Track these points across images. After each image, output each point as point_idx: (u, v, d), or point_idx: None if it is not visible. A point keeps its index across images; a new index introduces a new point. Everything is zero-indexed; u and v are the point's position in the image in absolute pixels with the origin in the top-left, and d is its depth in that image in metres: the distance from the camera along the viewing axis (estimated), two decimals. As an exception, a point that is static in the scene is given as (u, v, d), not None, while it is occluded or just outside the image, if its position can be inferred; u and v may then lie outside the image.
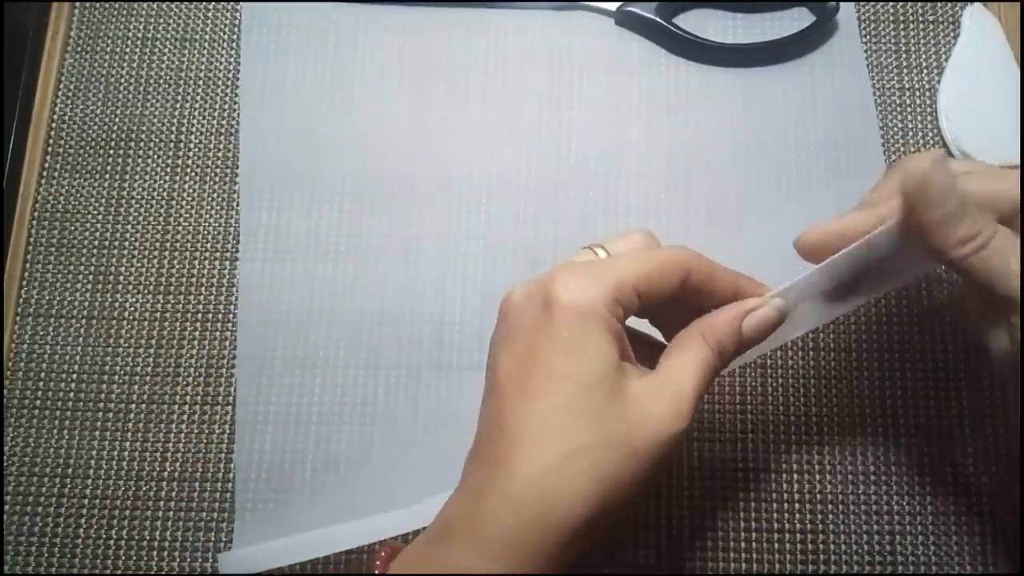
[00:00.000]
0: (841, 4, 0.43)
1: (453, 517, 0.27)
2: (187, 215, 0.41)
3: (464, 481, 0.28)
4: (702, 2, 0.44)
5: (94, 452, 0.38)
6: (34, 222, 0.41)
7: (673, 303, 0.29)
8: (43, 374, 0.39)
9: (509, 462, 0.26)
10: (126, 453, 0.38)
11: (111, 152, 0.42)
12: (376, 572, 0.28)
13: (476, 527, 0.25)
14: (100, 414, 0.39)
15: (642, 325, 0.32)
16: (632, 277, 0.27)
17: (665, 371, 0.27)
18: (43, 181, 0.42)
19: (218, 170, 0.42)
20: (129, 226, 0.41)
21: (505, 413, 0.26)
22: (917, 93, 0.44)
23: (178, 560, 0.37)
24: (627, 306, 0.27)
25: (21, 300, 0.40)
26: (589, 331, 0.26)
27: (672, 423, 0.26)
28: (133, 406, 0.39)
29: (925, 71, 0.44)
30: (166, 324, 0.40)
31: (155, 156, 0.42)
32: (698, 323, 0.29)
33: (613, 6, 0.44)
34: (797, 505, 0.38)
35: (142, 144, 0.43)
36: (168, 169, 0.42)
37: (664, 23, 0.43)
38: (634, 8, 0.43)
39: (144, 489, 0.38)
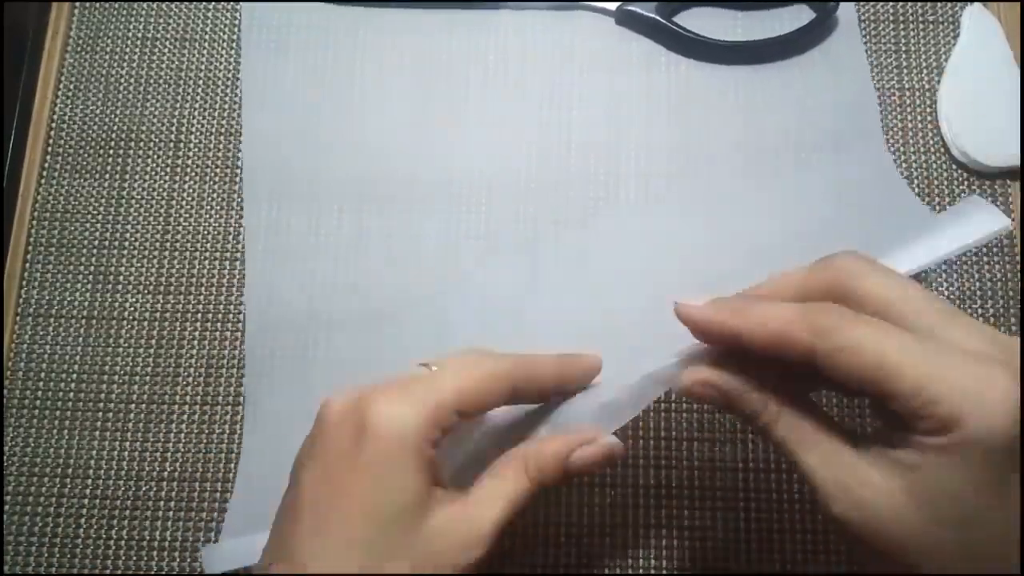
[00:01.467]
0: (841, 2, 0.43)
1: None
2: (187, 215, 0.41)
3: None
4: (702, 1, 0.44)
5: (94, 452, 0.38)
6: (34, 222, 0.41)
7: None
8: (43, 374, 0.39)
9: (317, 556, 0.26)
10: (126, 453, 0.38)
11: (111, 152, 0.42)
12: None
13: None
14: (100, 414, 0.39)
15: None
16: (453, 397, 0.27)
17: (473, 500, 0.28)
18: (43, 181, 0.42)
19: (218, 170, 0.42)
20: (129, 226, 0.41)
21: (297, 541, 0.26)
22: (917, 93, 0.44)
23: (178, 560, 0.37)
24: (446, 427, 0.27)
25: (21, 300, 0.40)
26: (397, 463, 0.26)
27: (460, 555, 0.26)
28: (133, 406, 0.39)
29: (925, 71, 0.44)
30: (166, 324, 0.40)
31: (155, 156, 0.42)
32: (524, 449, 0.29)
33: (613, 5, 0.44)
34: (797, 505, 0.38)
35: (142, 144, 0.43)
36: (168, 169, 0.42)
37: (664, 22, 0.43)
38: (634, 7, 0.43)
39: (144, 489, 0.38)
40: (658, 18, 0.43)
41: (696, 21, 0.44)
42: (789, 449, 0.25)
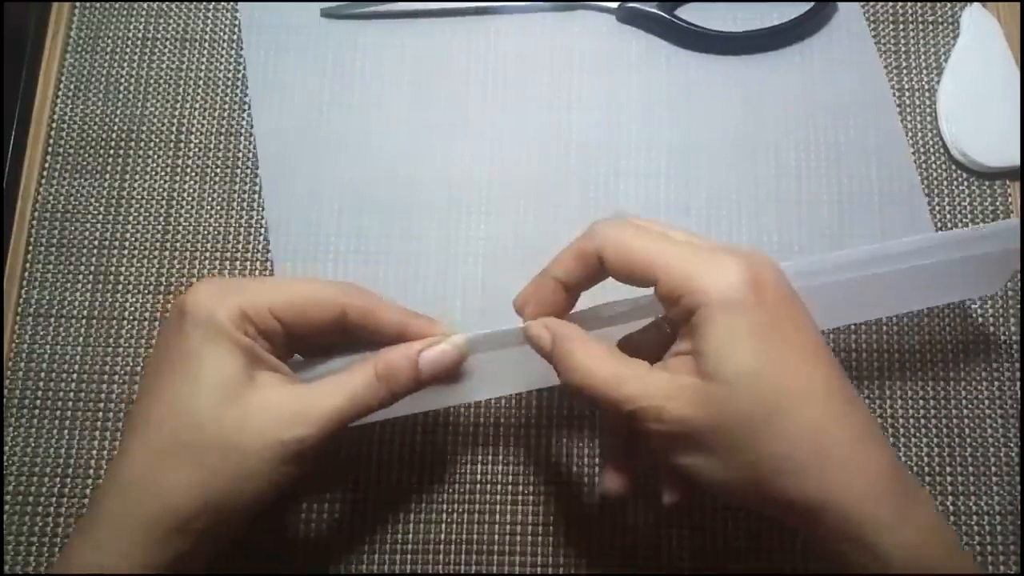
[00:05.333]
0: (840, 1, 0.44)
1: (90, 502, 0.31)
2: (187, 215, 0.41)
3: None
4: None
5: (94, 452, 0.38)
6: (34, 222, 0.41)
7: (346, 336, 0.31)
8: (43, 374, 0.39)
9: (124, 453, 0.28)
10: (126, 453, 0.38)
11: (111, 152, 0.42)
12: None
13: (93, 515, 0.28)
14: (100, 414, 0.39)
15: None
16: (268, 299, 0.29)
17: (313, 386, 0.29)
18: (43, 181, 0.42)
19: (218, 170, 0.42)
20: (129, 226, 0.41)
21: (133, 409, 0.30)
22: (917, 93, 0.44)
23: (178, 560, 0.37)
24: (263, 326, 0.29)
25: (21, 300, 0.40)
26: (208, 340, 0.28)
27: (283, 430, 0.28)
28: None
29: (925, 71, 0.44)
30: (166, 324, 0.40)
31: (155, 156, 0.42)
32: (379, 352, 0.30)
33: (615, 4, 0.44)
34: (797, 505, 0.38)
35: (142, 144, 0.43)
36: (168, 169, 0.42)
37: (667, 16, 0.43)
38: (637, 4, 0.44)
39: (144, 489, 0.38)
40: (661, 13, 0.43)
41: (697, 14, 0.44)
42: (607, 388, 0.28)
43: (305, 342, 0.31)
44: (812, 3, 0.44)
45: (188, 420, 0.28)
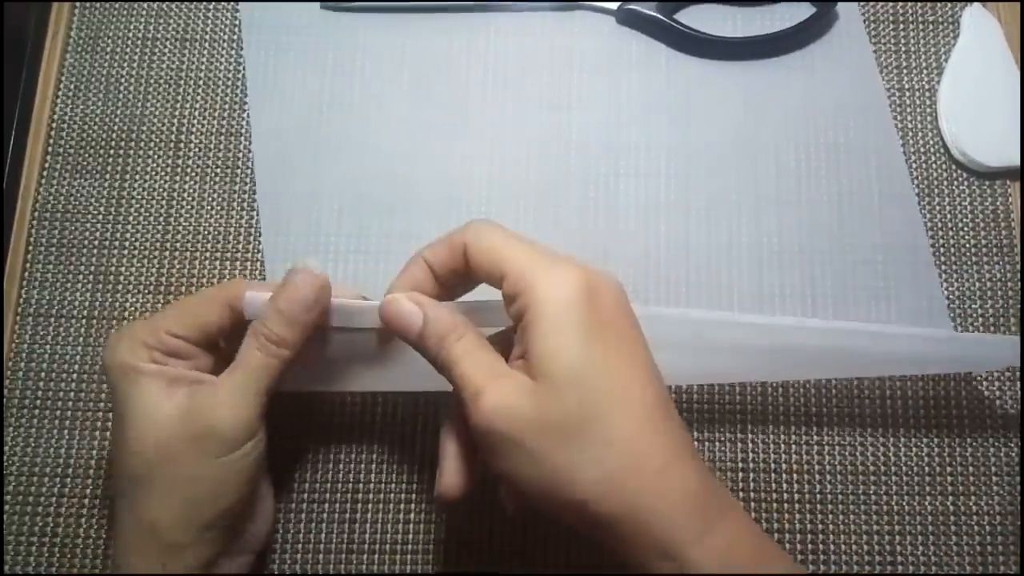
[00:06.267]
0: (841, 2, 0.44)
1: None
2: (187, 215, 0.41)
3: None
4: (704, 1, 0.44)
5: (94, 452, 0.38)
6: (34, 222, 0.41)
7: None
8: (43, 374, 0.39)
9: (114, 508, 0.32)
10: (126, 453, 0.38)
11: (111, 152, 0.42)
12: None
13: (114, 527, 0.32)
14: (100, 414, 0.39)
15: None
16: (163, 323, 0.31)
17: (220, 378, 0.31)
18: (43, 181, 0.42)
19: (218, 170, 0.42)
20: (129, 226, 0.41)
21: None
22: (917, 93, 0.44)
23: (178, 560, 0.37)
24: (168, 348, 0.31)
25: (21, 300, 0.40)
26: (125, 382, 0.31)
27: (212, 426, 0.30)
28: (133, 406, 0.39)
29: (925, 71, 0.44)
30: (166, 324, 0.40)
31: (155, 156, 0.42)
32: (252, 327, 0.32)
33: (614, 5, 0.44)
34: (797, 505, 0.38)
35: (142, 144, 0.43)
36: (168, 169, 0.42)
37: (666, 20, 0.43)
38: (636, 6, 0.44)
39: (144, 489, 0.38)
40: (660, 16, 0.43)
41: (697, 18, 0.44)
42: (452, 362, 0.29)
43: (237, 337, 0.32)
44: (813, 8, 0.44)
45: (140, 458, 0.30)
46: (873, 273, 0.40)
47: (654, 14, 0.43)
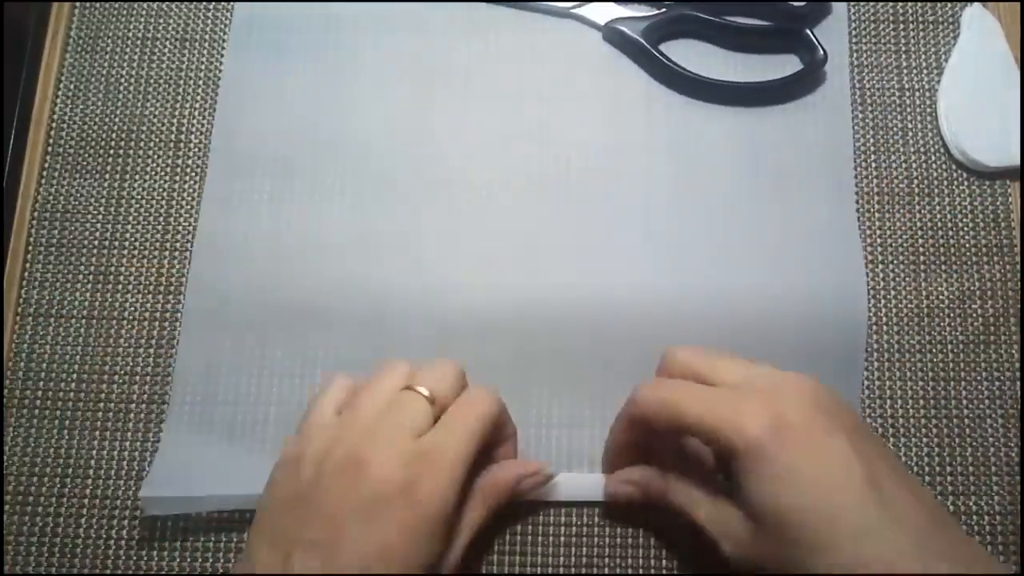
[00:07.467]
0: (831, 52, 0.42)
1: None
2: (187, 215, 0.41)
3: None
4: (692, 37, 0.44)
5: (94, 452, 0.38)
6: (34, 222, 0.41)
7: None
8: (43, 374, 0.39)
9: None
10: (126, 453, 0.38)
11: (111, 152, 0.42)
12: None
13: None
14: (100, 414, 0.39)
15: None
16: (467, 463, 0.31)
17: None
18: (43, 181, 0.42)
19: (218, 170, 0.42)
20: (129, 226, 0.41)
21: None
22: (917, 93, 0.44)
23: (178, 560, 0.37)
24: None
25: (21, 300, 0.40)
26: (431, 527, 0.30)
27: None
28: (133, 406, 0.39)
29: (925, 71, 0.44)
30: (166, 324, 0.40)
31: (155, 156, 0.42)
32: (483, 479, 0.33)
33: (602, 20, 0.43)
34: (797, 505, 0.38)
35: (142, 144, 0.43)
36: (168, 169, 0.42)
37: (649, 48, 0.42)
38: (622, 27, 0.43)
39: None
40: (643, 42, 0.42)
41: (682, 52, 0.43)
42: (686, 511, 0.33)
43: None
44: (801, 66, 0.43)
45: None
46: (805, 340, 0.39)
47: (638, 38, 0.43)
